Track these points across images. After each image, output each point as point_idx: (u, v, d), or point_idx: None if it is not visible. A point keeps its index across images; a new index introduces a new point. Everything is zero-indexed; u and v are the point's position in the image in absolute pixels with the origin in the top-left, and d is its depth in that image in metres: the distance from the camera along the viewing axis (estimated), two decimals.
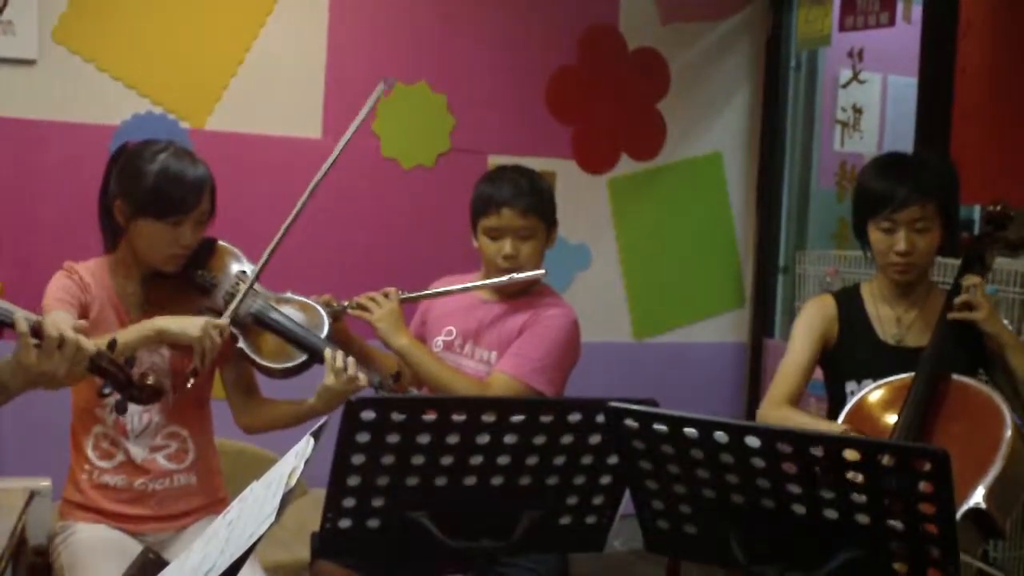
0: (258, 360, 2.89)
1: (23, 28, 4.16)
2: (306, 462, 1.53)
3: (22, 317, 2.14)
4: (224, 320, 2.78)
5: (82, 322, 2.27)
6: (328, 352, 2.84)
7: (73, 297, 2.79)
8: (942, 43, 4.45)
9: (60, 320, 2.20)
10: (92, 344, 2.23)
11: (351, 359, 2.84)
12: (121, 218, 2.84)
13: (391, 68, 4.75)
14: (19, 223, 4.20)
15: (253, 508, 1.53)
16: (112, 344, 2.36)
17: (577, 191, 5.05)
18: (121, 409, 2.44)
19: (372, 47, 4.73)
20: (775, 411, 3.04)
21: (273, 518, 1.41)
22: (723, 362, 5.48)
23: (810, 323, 3.13)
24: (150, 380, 2.44)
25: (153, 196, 2.78)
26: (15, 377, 2.18)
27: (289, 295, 3.01)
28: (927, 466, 1.95)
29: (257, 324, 2.91)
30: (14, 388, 2.21)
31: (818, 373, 3.23)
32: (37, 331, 2.14)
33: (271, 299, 2.96)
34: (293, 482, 1.47)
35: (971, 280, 2.92)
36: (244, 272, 2.97)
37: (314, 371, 2.93)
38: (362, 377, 2.83)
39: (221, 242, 3.02)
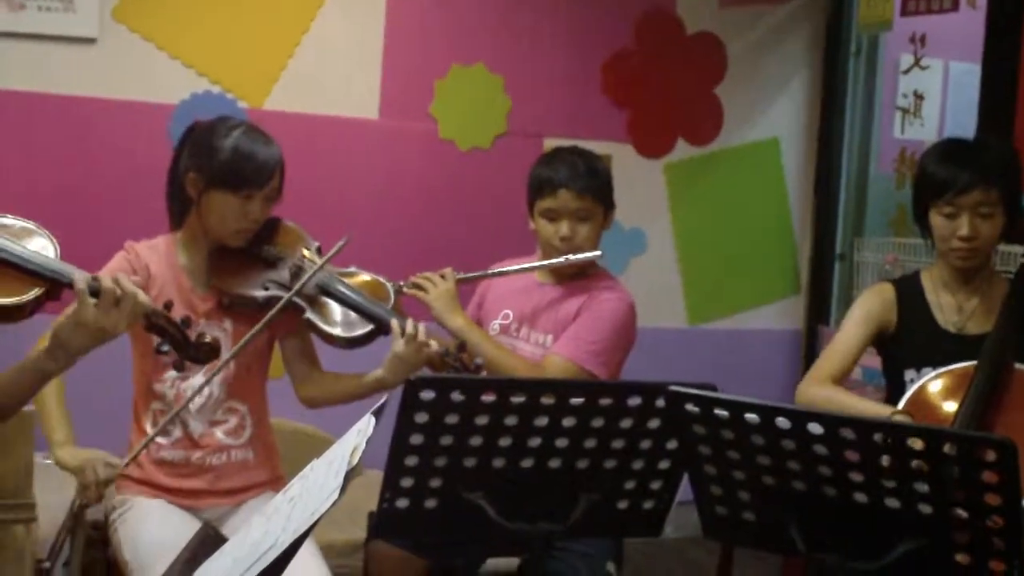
0: (325, 328, 2.89)
1: (84, 6, 4.20)
2: None
3: (80, 277, 2.20)
4: (120, 462, 2.73)
5: (136, 278, 2.31)
6: (395, 321, 2.84)
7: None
8: (1007, 29, 4.38)
9: (118, 275, 2.25)
10: (148, 299, 2.28)
11: (421, 325, 2.83)
12: (193, 191, 2.87)
13: (448, 49, 4.76)
14: (78, 200, 4.24)
15: (315, 485, 1.52)
16: (168, 305, 2.41)
17: (633, 175, 5.01)
18: (179, 367, 2.49)
19: (430, 27, 4.73)
20: (818, 389, 3.00)
21: (337, 495, 1.40)
22: (778, 349, 5.44)
23: (867, 308, 3.10)
24: (207, 339, 2.48)
25: (228, 168, 2.81)
26: (74, 336, 2.20)
27: (354, 269, 3.02)
28: (992, 456, 1.93)
29: (323, 294, 2.91)
30: (74, 347, 2.22)
31: (875, 361, 3.20)
32: (95, 290, 2.19)
33: (336, 272, 2.97)
34: (356, 460, 1.47)
35: None
36: (308, 249, 2.98)
37: (374, 350, 2.93)
38: (433, 343, 2.82)
39: (285, 221, 3.03)
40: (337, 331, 2.89)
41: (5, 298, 2.17)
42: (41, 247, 2.25)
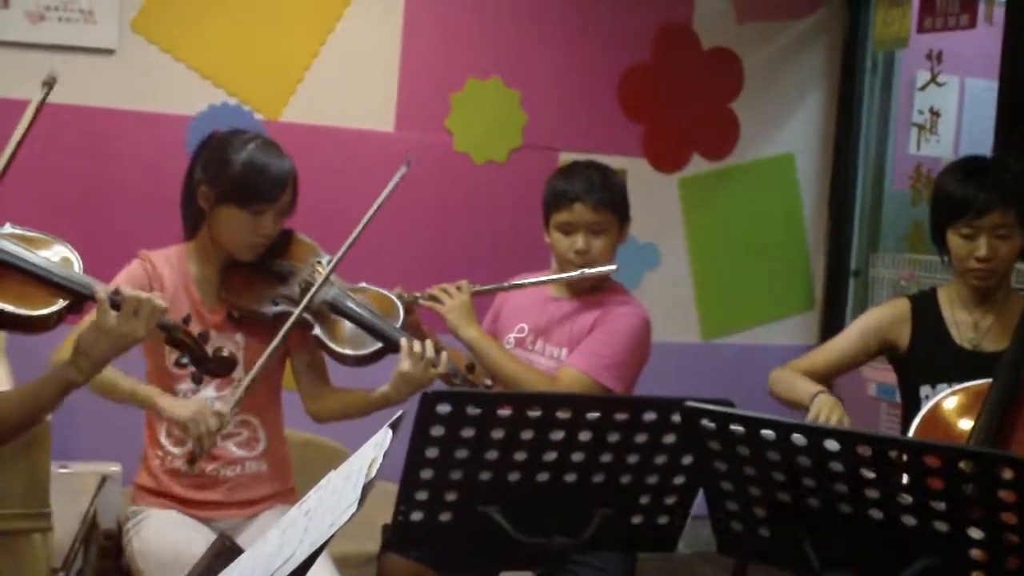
0: (333, 347, 2.89)
1: (104, 18, 4.22)
2: None
3: (101, 289, 2.26)
4: (226, 408, 2.71)
5: (159, 293, 2.36)
6: (404, 339, 2.84)
7: (139, 286, 2.81)
8: None
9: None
10: (165, 302, 2.33)
11: (428, 342, 2.83)
12: (205, 204, 2.87)
13: (465, 62, 4.77)
14: (96, 210, 4.26)
15: (332, 498, 1.52)
16: (187, 319, 2.46)
17: (648, 190, 5.00)
18: (196, 380, 2.53)
19: (446, 41, 4.74)
20: (778, 371, 3.15)
21: (355, 508, 1.40)
22: None
23: (873, 322, 3.12)
24: (224, 352, 2.53)
25: (239, 184, 2.81)
26: (97, 344, 2.25)
27: (364, 285, 3.01)
28: (1009, 474, 1.92)
29: (332, 311, 2.91)
30: (97, 355, 2.27)
31: (890, 377, 3.20)
32: (116, 303, 2.24)
33: (346, 288, 2.97)
34: (373, 473, 1.47)
35: None
36: (320, 262, 2.98)
37: (385, 365, 2.93)
38: (441, 361, 2.81)
39: (298, 234, 3.03)
40: (346, 349, 2.89)
41: (30, 310, 2.20)
42: (64, 260, 2.28)
